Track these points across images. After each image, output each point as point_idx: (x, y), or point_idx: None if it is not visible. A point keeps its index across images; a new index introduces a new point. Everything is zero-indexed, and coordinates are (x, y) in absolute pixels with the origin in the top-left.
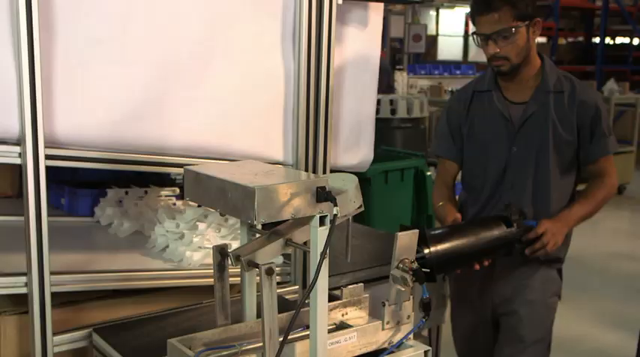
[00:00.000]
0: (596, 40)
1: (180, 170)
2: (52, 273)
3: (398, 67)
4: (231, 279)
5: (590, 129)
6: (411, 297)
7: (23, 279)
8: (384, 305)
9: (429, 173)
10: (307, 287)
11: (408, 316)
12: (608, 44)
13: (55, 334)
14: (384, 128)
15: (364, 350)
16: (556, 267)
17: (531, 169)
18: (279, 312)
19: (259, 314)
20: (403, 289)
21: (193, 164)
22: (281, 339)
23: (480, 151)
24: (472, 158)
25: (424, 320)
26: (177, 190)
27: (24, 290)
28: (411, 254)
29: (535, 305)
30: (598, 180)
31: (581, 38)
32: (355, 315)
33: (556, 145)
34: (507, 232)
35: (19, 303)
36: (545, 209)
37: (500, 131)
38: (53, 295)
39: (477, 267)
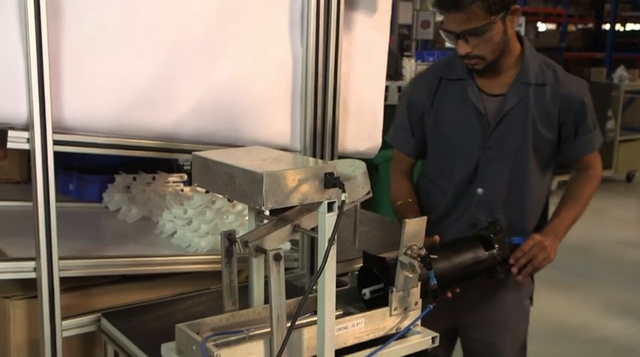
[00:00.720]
0: (607, 26)
1: (189, 156)
2: (60, 258)
3: (406, 53)
4: (238, 265)
5: (575, 125)
6: (419, 283)
7: (32, 264)
8: (391, 292)
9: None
10: (315, 273)
11: (416, 303)
12: (619, 31)
13: (63, 318)
14: (392, 115)
15: (371, 336)
16: None
17: (506, 173)
18: (287, 298)
19: (267, 300)
20: (411, 275)
21: (201, 150)
22: (289, 325)
23: (447, 148)
24: (437, 155)
25: (432, 307)
26: (185, 177)
27: (33, 275)
28: (419, 241)
29: (508, 310)
30: (583, 175)
31: (591, 25)
32: None
33: (536, 144)
34: (489, 254)
35: (28, 288)
36: (520, 216)
37: (473, 128)
38: (62, 280)
39: (449, 295)
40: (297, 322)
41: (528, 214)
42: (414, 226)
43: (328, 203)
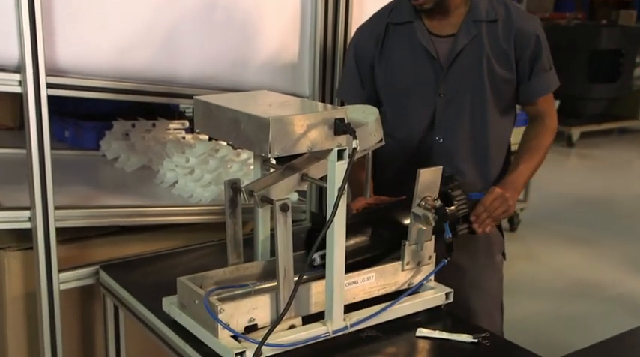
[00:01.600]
0: None
1: (190, 102)
2: (56, 208)
3: None
4: (243, 216)
5: (530, 63)
6: (433, 237)
7: (27, 213)
8: (404, 245)
9: None
10: (324, 225)
11: (430, 257)
12: None
13: (60, 270)
14: None
15: (382, 291)
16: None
17: (465, 118)
18: (294, 251)
19: (273, 253)
20: (425, 228)
21: (204, 94)
22: (296, 278)
23: (401, 98)
24: (391, 107)
25: (446, 261)
26: (187, 124)
27: (28, 225)
28: (434, 192)
29: (478, 267)
30: (539, 126)
31: None
32: None
33: (493, 85)
34: (449, 212)
35: (23, 238)
36: (484, 163)
37: (426, 73)
38: (58, 230)
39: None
40: (304, 276)
41: (492, 160)
42: (429, 176)
43: (338, 151)
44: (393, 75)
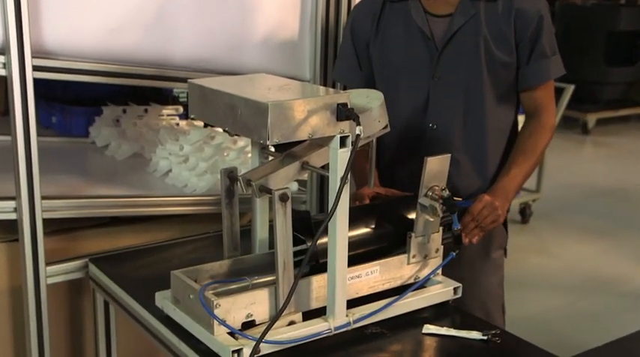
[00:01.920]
0: None
1: (184, 86)
2: (43, 198)
3: None
4: (240, 207)
5: (530, 45)
6: (441, 228)
7: (12, 204)
8: (409, 237)
9: None
10: (326, 216)
11: (437, 250)
12: None
13: (48, 264)
14: None
15: (387, 286)
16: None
17: (460, 103)
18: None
19: (272, 245)
20: (432, 219)
21: (199, 78)
22: (296, 272)
23: (394, 79)
24: (384, 89)
25: (454, 254)
26: (181, 109)
27: (13, 216)
28: (442, 181)
29: (475, 264)
30: (534, 124)
31: None
32: None
33: (491, 68)
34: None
35: (8, 230)
36: (481, 153)
37: (420, 53)
38: (45, 221)
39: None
40: (305, 270)
41: (489, 150)
42: (436, 165)
43: (341, 138)
44: (387, 55)
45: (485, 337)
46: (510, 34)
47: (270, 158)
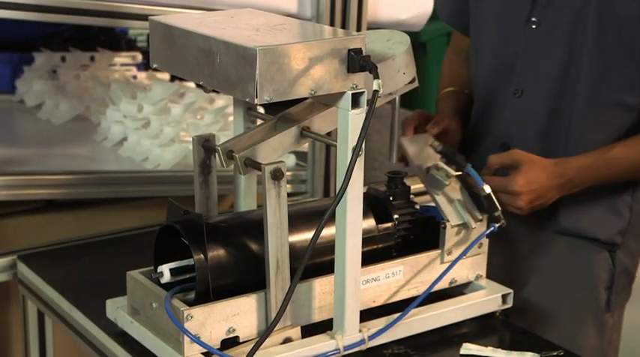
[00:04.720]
0: None
1: (144, 25)
2: None
3: None
4: (219, 187)
5: None
6: (485, 216)
7: None
8: (444, 226)
9: None
10: (334, 198)
11: (480, 245)
12: None
13: None
14: None
15: (414, 292)
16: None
17: (557, 62)
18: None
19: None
20: (451, 186)
21: (163, 14)
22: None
23: (488, 24)
24: (475, 36)
25: (496, 226)
26: (140, 57)
27: None
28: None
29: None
30: None
31: None
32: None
33: (606, 21)
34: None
35: None
36: (562, 141)
37: None
38: None
39: None
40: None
41: (572, 143)
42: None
43: (353, 95)
44: None
45: None
46: None
47: (259, 122)
